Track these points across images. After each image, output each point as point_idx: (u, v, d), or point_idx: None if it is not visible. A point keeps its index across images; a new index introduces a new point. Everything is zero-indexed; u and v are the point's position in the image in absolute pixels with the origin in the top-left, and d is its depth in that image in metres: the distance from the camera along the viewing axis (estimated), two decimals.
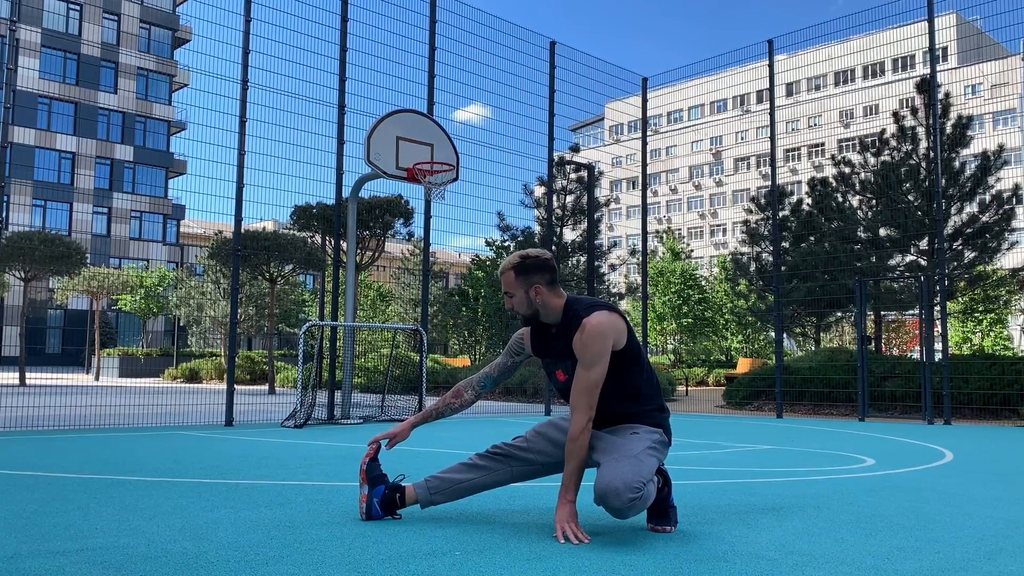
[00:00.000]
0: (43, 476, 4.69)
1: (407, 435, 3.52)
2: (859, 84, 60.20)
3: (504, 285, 3.38)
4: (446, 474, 3.45)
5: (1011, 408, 12.30)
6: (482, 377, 3.59)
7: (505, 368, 3.57)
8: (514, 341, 3.53)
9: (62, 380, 24.94)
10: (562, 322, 3.31)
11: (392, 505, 3.40)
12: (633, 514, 2.99)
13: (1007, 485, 4.86)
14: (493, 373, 3.57)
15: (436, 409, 3.56)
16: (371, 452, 3.42)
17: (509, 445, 3.45)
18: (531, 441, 3.43)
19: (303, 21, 10.65)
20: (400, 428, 3.49)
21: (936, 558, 2.85)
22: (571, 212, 19.61)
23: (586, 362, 3.13)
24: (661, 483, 3.28)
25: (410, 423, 3.51)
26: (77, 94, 45.44)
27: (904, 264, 16.69)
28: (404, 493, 3.41)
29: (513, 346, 3.54)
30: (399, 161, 9.87)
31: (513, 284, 3.33)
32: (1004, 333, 31.60)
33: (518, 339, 3.52)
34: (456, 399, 3.57)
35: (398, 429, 3.50)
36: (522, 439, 3.46)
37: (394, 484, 3.43)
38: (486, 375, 3.58)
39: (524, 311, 3.34)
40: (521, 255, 3.36)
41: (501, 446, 3.46)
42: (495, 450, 3.46)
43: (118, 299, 33.76)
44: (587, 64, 14.21)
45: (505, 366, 3.56)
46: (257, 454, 6.08)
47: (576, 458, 3.11)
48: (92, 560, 2.63)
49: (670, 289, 36.92)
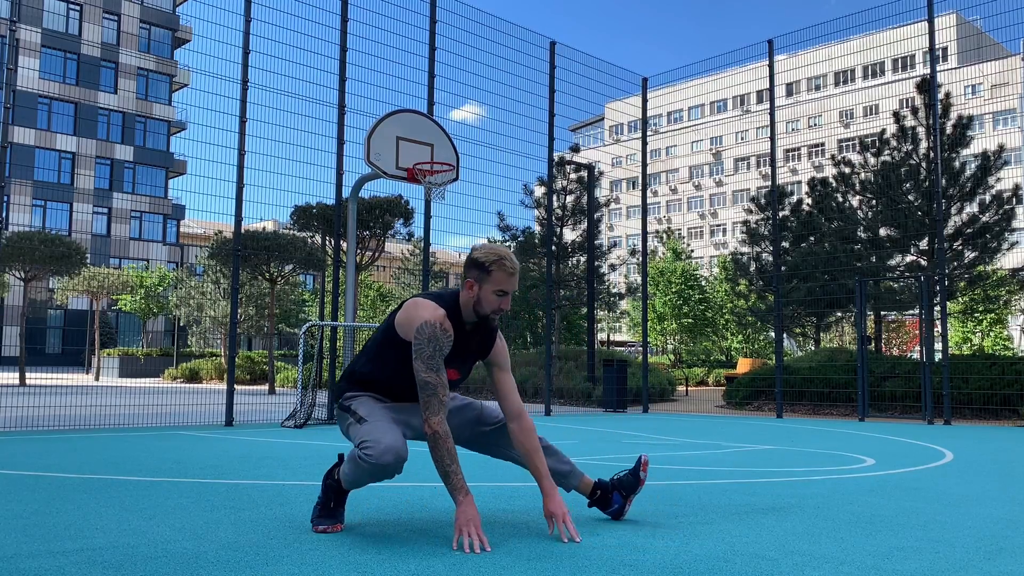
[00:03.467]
0: (43, 476, 4.69)
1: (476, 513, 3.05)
2: (859, 84, 60.20)
3: (516, 285, 3.23)
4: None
5: (1011, 408, 12.30)
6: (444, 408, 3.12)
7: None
8: (445, 346, 3.13)
9: (62, 380, 24.95)
10: (479, 321, 3.25)
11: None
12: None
13: (1007, 485, 4.86)
14: (446, 401, 3.12)
15: (454, 460, 3.06)
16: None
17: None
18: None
19: (303, 21, 10.65)
20: (471, 515, 2.99)
21: (936, 558, 2.85)
22: (571, 212, 19.60)
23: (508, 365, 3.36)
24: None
25: (472, 501, 3.03)
26: (77, 94, 45.44)
27: (904, 264, 16.69)
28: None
29: (444, 352, 3.15)
30: (399, 161, 9.86)
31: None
32: (1004, 333, 31.60)
33: (446, 341, 3.15)
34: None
35: (471, 519, 2.97)
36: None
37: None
38: (443, 404, 3.10)
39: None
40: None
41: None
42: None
43: (118, 299, 33.77)
44: (587, 64, 14.22)
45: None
46: (257, 454, 6.08)
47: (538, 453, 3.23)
48: (92, 560, 2.63)
49: (670, 289, 36.93)
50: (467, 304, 3.20)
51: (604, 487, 3.53)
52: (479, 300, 3.16)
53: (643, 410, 14.18)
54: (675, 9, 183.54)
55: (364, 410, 3.18)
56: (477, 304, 3.17)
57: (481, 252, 3.19)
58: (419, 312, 3.12)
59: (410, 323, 3.13)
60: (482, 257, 3.16)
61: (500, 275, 3.14)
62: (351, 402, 3.25)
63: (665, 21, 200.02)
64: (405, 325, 3.16)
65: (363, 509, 3.69)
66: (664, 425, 10.44)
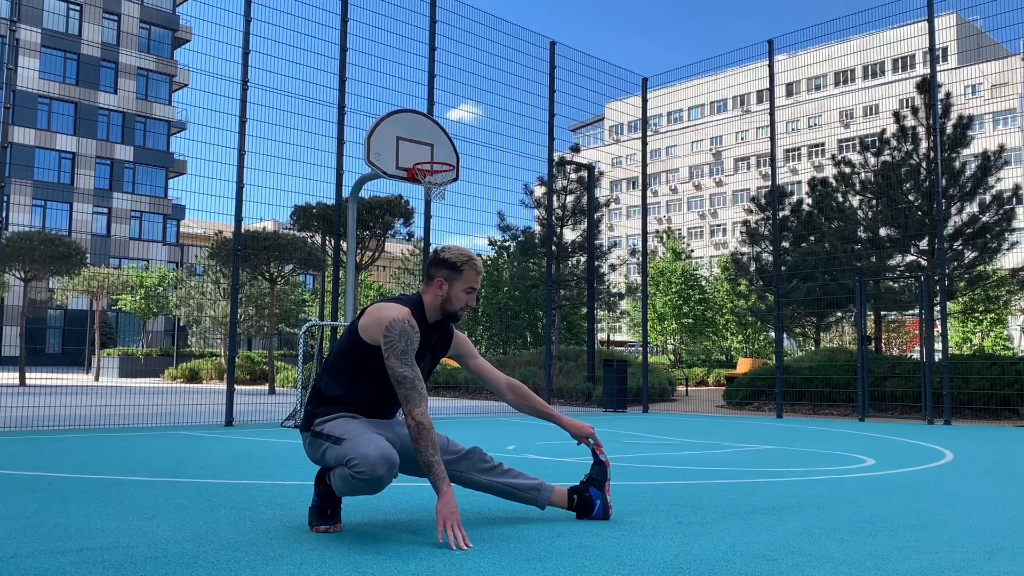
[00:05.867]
0: (43, 476, 4.69)
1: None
2: (859, 84, 60.21)
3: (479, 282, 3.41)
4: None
5: (1011, 408, 12.30)
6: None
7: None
8: (415, 341, 3.17)
9: (62, 380, 24.95)
10: (440, 319, 3.37)
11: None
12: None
13: (1007, 485, 4.86)
14: (425, 392, 3.15)
15: (437, 451, 3.09)
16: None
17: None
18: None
19: (303, 21, 10.66)
20: (454, 509, 3.02)
21: (936, 558, 2.85)
22: (571, 212, 19.59)
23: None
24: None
25: (452, 490, 3.06)
26: (77, 94, 45.42)
27: (904, 264, 16.69)
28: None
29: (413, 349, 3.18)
30: (399, 161, 9.86)
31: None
32: (1004, 333, 31.61)
33: (415, 337, 3.18)
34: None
35: (454, 512, 3.00)
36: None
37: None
38: (423, 396, 3.14)
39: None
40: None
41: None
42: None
43: (118, 299, 33.77)
44: (587, 64, 14.23)
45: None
46: (257, 454, 6.08)
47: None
48: (92, 560, 2.63)
49: (670, 289, 36.92)
50: (433, 302, 3.31)
51: (579, 489, 3.57)
52: (448, 298, 3.30)
53: (643, 410, 14.18)
54: (675, 9, 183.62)
55: (339, 430, 3.12)
56: (446, 302, 3.30)
57: (450, 252, 3.34)
58: (386, 312, 3.16)
59: (378, 324, 3.14)
60: (452, 257, 3.31)
61: (470, 273, 3.32)
62: (323, 427, 3.17)
63: (665, 21, 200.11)
64: (372, 328, 3.15)
65: (363, 509, 3.69)
66: (664, 425, 10.44)
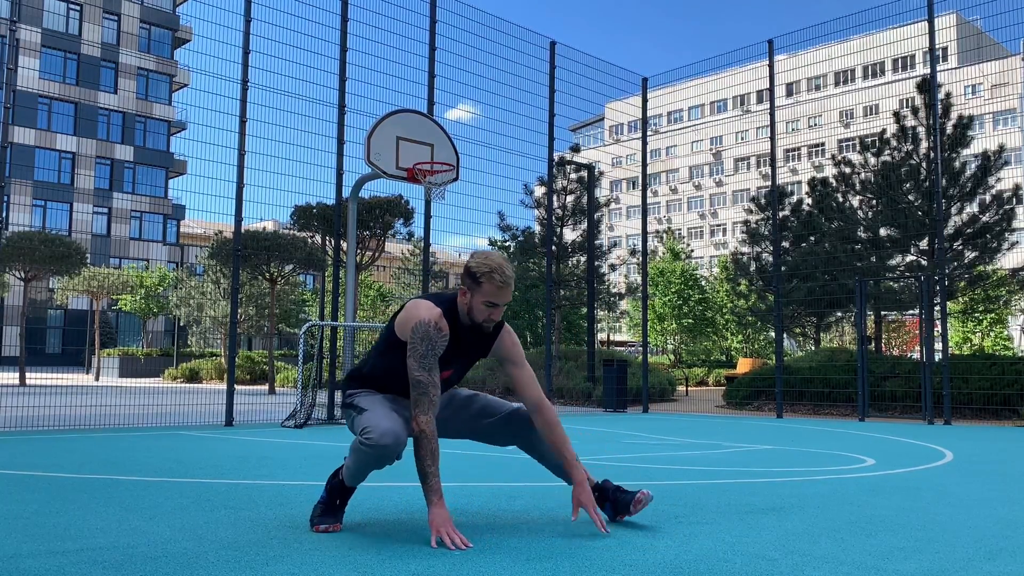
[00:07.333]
0: (43, 476, 4.69)
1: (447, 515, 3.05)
2: (859, 84, 60.19)
3: (508, 296, 3.19)
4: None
5: (1011, 408, 12.30)
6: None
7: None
8: (439, 345, 3.14)
9: (62, 380, 24.95)
10: (472, 323, 3.23)
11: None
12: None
13: (1007, 485, 4.86)
14: (436, 401, 3.12)
15: (435, 462, 3.05)
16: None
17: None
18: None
19: (303, 21, 10.66)
20: (446, 517, 3.00)
21: (936, 558, 2.85)
22: (571, 212, 19.58)
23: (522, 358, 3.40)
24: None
25: (444, 505, 3.04)
26: (77, 94, 45.42)
27: (904, 264, 16.68)
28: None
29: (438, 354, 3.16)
30: (399, 161, 9.86)
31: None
32: (1004, 333, 31.59)
33: (440, 341, 3.15)
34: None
35: (447, 520, 2.99)
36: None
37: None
38: (434, 404, 3.12)
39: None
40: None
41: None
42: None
43: (118, 299, 33.77)
44: (587, 64, 14.24)
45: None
46: (257, 454, 6.08)
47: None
48: (92, 560, 2.63)
49: (670, 289, 36.92)
50: (463, 308, 3.22)
51: (603, 492, 3.46)
52: (471, 308, 3.19)
53: (643, 410, 14.18)
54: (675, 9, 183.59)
55: (365, 402, 3.25)
56: (469, 311, 3.20)
57: (475, 261, 3.15)
58: (416, 312, 3.15)
59: (407, 323, 3.15)
60: (475, 267, 3.13)
61: (489, 287, 3.11)
62: (353, 398, 3.33)
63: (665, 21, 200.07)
64: (403, 325, 3.18)
65: (363, 509, 3.69)
66: (664, 425, 10.43)
